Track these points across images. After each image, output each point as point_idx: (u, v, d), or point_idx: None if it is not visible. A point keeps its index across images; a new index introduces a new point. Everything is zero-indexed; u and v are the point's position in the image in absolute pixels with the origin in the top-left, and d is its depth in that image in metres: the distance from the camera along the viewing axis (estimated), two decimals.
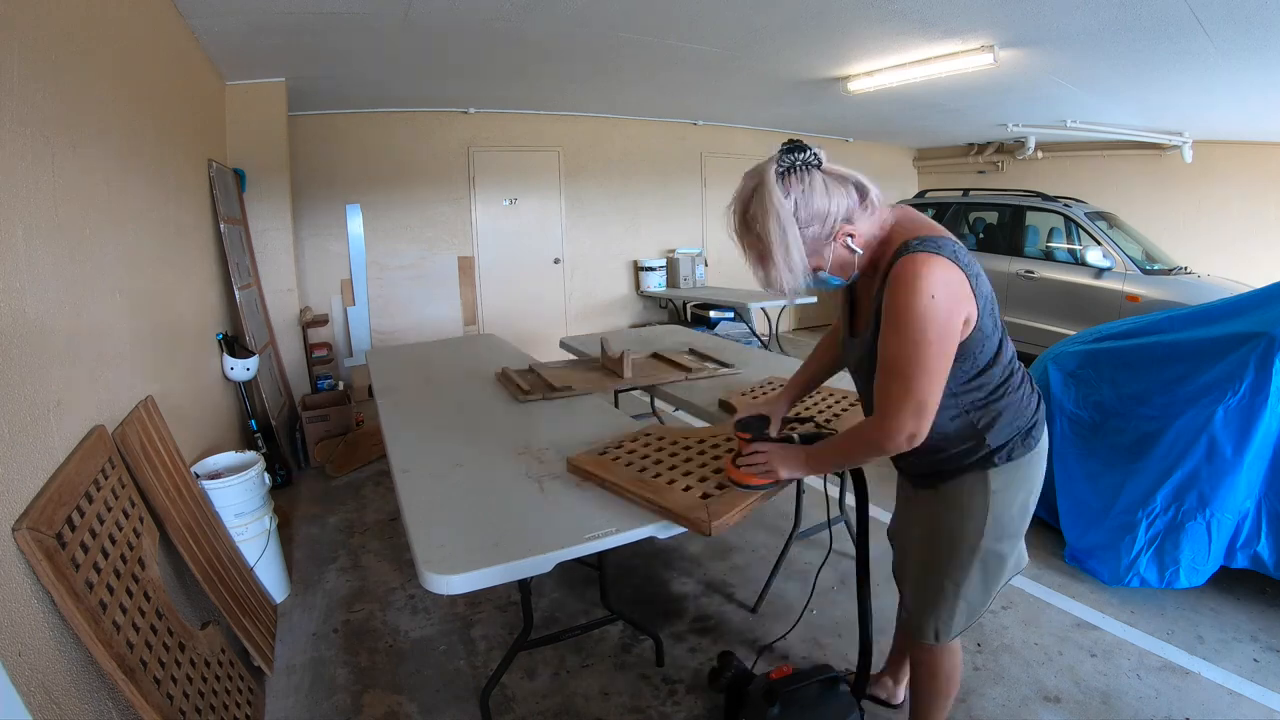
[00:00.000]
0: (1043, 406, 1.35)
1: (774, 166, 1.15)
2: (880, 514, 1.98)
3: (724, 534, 2.80)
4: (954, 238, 1.20)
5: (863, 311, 1.32)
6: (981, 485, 1.30)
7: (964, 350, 1.19)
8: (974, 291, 1.15)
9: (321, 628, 2.30)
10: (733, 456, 1.49)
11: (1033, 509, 1.37)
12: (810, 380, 1.63)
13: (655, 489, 1.44)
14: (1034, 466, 1.32)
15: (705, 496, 1.41)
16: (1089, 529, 2.48)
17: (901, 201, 6.71)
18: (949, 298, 1.12)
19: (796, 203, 1.14)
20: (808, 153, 1.16)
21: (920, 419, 1.16)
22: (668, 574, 2.58)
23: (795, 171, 1.15)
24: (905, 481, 1.50)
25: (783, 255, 1.14)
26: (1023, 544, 1.41)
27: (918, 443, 1.18)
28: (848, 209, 1.17)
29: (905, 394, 1.15)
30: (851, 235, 1.19)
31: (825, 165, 1.18)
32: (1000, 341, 1.25)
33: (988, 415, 1.27)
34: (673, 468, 1.56)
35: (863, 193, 1.19)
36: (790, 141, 1.18)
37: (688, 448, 1.69)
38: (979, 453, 1.29)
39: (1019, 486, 1.31)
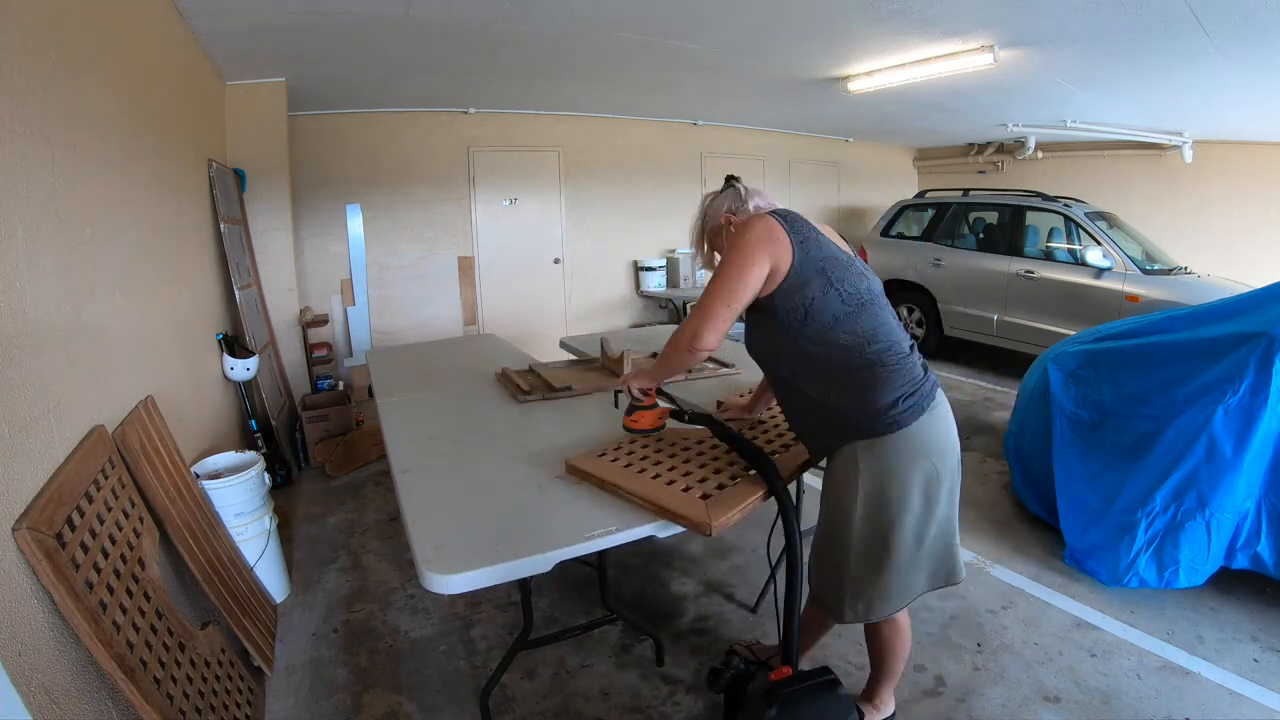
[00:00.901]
0: (922, 393, 1.41)
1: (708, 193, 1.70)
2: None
3: (724, 534, 2.81)
4: (800, 215, 1.48)
5: None
6: (849, 460, 1.41)
7: (793, 301, 1.39)
8: (794, 246, 1.39)
9: (321, 628, 2.30)
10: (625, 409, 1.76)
11: (921, 506, 1.40)
12: (766, 390, 1.91)
13: (655, 489, 1.44)
14: (908, 448, 1.38)
15: (705, 497, 1.41)
16: (1088, 529, 2.48)
17: (901, 201, 6.73)
18: (759, 236, 1.39)
19: (706, 207, 1.68)
20: (735, 178, 1.68)
21: (704, 320, 1.41)
22: (668, 574, 2.58)
23: (718, 192, 1.68)
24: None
25: (692, 242, 1.73)
26: (951, 551, 1.49)
27: (701, 344, 1.42)
28: (730, 205, 1.63)
29: (701, 300, 1.44)
30: (731, 219, 1.61)
31: (740, 184, 1.66)
32: (847, 311, 1.40)
33: (839, 385, 1.40)
34: (672, 468, 1.56)
35: (742, 197, 1.63)
36: (728, 177, 1.69)
37: (686, 448, 1.69)
38: (841, 423, 1.41)
39: (891, 465, 1.38)
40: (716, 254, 1.63)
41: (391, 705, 1.92)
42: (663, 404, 1.78)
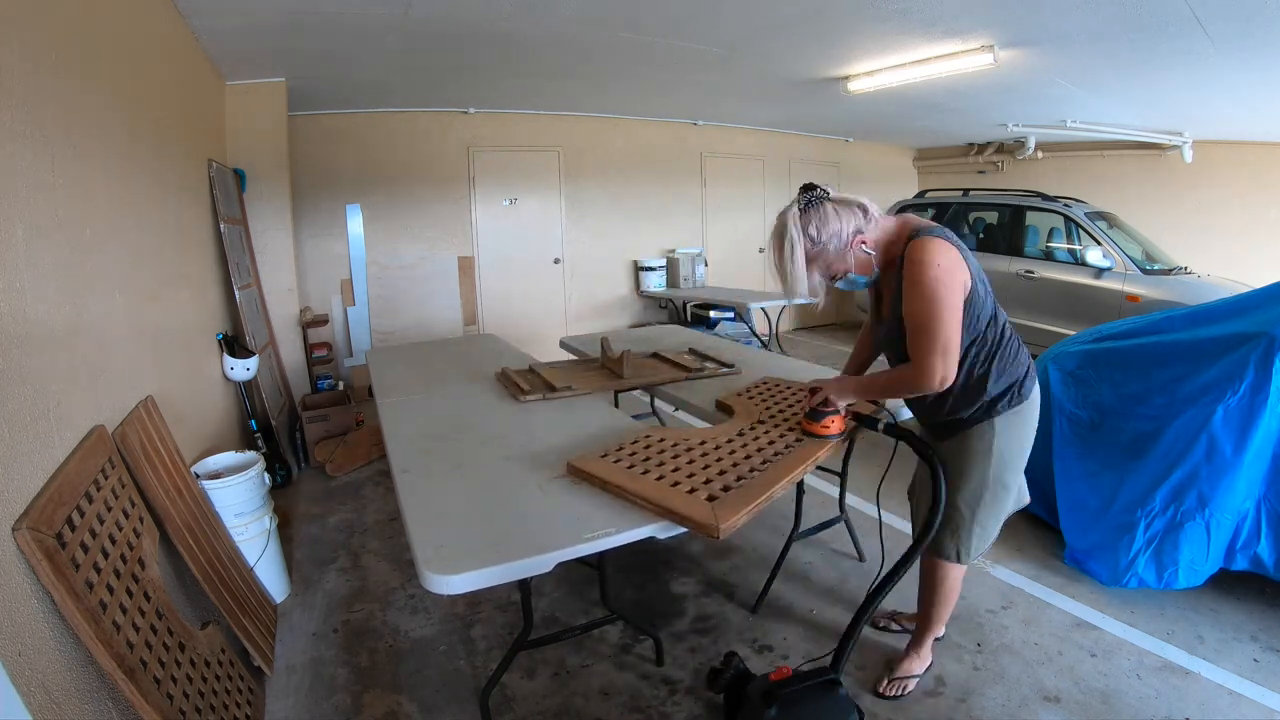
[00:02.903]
0: (1032, 364, 1.70)
1: (795, 207, 1.57)
2: (863, 504, 1.97)
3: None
4: (945, 229, 1.58)
5: (886, 299, 1.69)
6: (989, 430, 1.65)
7: (965, 309, 1.53)
8: (966, 262, 1.53)
9: (321, 628, 2.30)
10: (804, 411, 1.82)
11: (1028, 449, 1.72)
12: (860, 368, 2.00)
13: (660, 491, 1.43)
14: (1031, 412, 1.68)
15: (711, 499, 1.41)
16: (1088, 529, 2.48)
17: (901, 201, 6.73)
18: (951, 265, 1.48)
19: (816, 227, 1.55)
20: (818, 190, 1.58)
21: (947, 360, 1.50)
22: (668, 574, 2.58)
23: (812, 205, 1.56)
24: (927, 436, 1.81)
25: (789, 268, 1.56)
26: (1023, 479, 1.79)
27: (948, 383, 1.52)
28: (856, 225, 1.56)
29: (933, 342, 1.49)
30: (864, 242, 1.58)
31: (833, 195, 1.58)
32: (995, 307, 1.62)
33: (989, 370, 1.61)
34: (676, 470, 1.55)
35: (865, 211, 1.58)
36: (805, 184, 1.59)
37: (689, 449, 1.69)
38: (984, 403, 1.63)
39: (1018, 430, 1.67)
40: (849, 273, 1.60)
41: (391, 705, 1.92)
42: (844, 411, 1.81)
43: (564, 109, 6.13)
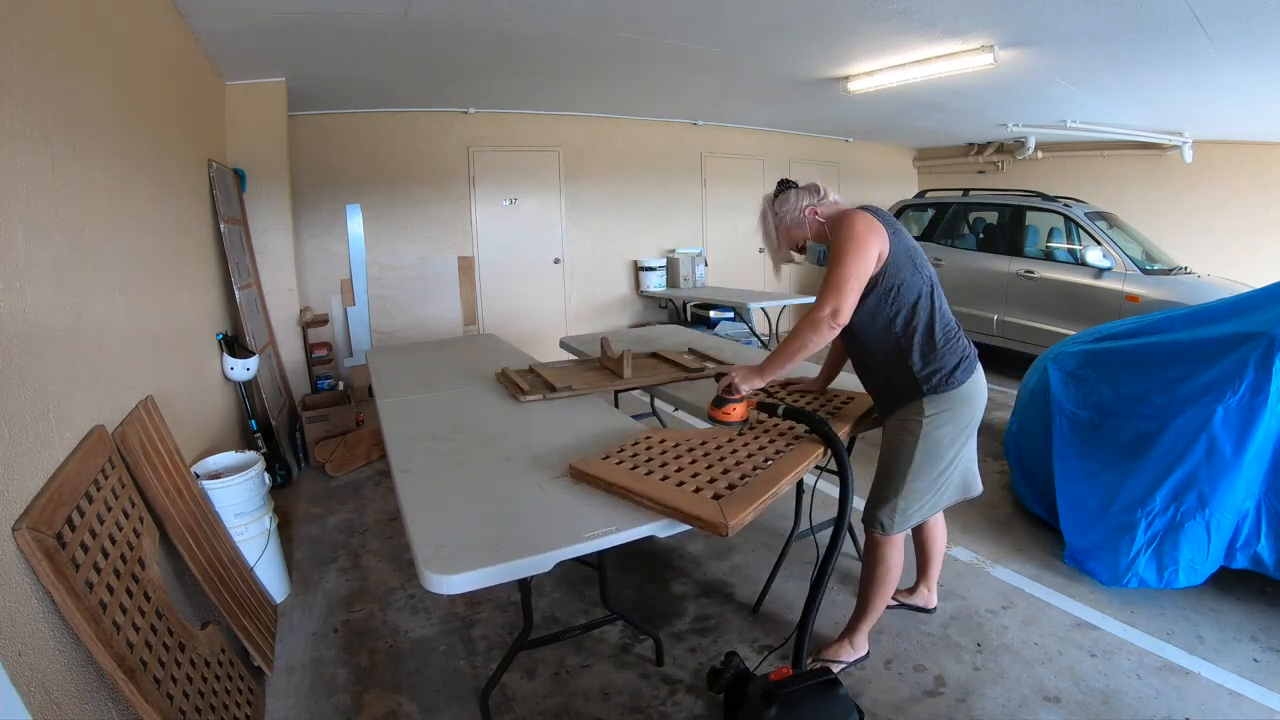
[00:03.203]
0: (972, 360, 1.80)
1: (770, 193, 2.01)
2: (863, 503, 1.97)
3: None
4: (881, 210, 1.79)
5: None
6: (917, 411, 1.78)
7: (886, 284, 1.71)
8: (889, 236, 1.71)
9: (321, 628, 2.30)
10: (712, 399, 1.88)
11: (963, 441, 1.83)
12: (834, 367, 2.24)
13: (665, 491, 1.43)
14: (961, 403, 1.78)
15: (717, 497, 1.41)
16: (1088, 529, 2.48)
17: (901, 201, 6.73)
18: (865, 229, 1.69)
19: (779, 205, 1.95)
20: (788, 182, 1.97)
21: (839, 296, 1.65)
22: (668, 574, 2.58)
23: (780, 192, 1.98)
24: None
25: (764, 236, 2.04)
26: (972, 472, 1.95)
27: (840, 319, 1.67)
28: (808, 200, 1.90)
29: (828, 280, 1.68)
30: (815, 212, 1.89)
31: (800, 185, 1.93)
32: (926, 293, 1.74)
33: (913, 344, 1.74)
34: (679, 470, 1.55)
35: (818, 191, 1.90)
36: (782, 180, 1.99)
37: (691, 449, 1.69)
38: (908, 377, 1.76)
39: (946, 416, 1.77)
40: (794, 249, 1.97)
41: (391, 705, 1.92)
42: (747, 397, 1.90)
43: (564, 109, 6.13)
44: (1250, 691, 1.90)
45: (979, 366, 1.83)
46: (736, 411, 1.84)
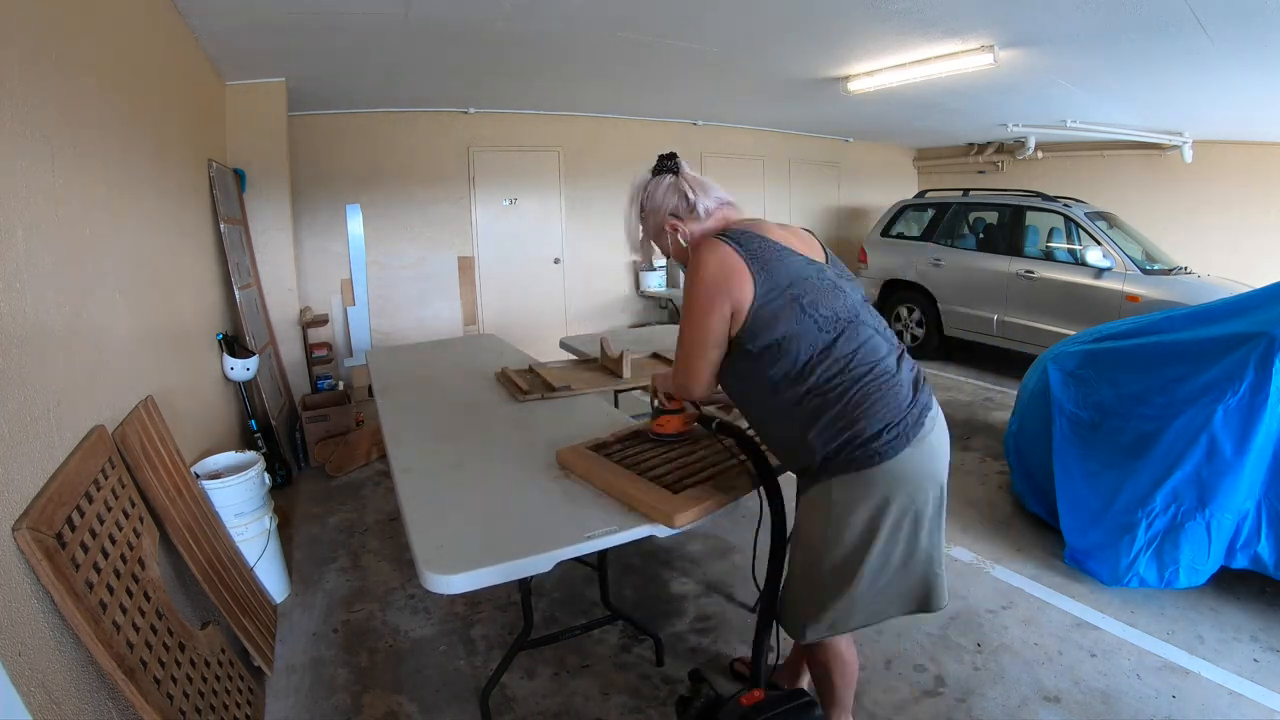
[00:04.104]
0: (907, 423, 1.27)
1: (647, 171, 1.48)
2: None
3: (724, 534, 2.81)
4: (761, 233, 1.32)
5: None
6: (824, 493, 1.31)
7: (754, 343, 1.27)
8: (753, 277, 1.25)
9: (321, 628, 2.30)
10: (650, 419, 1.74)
11: (904, 535, 1.30)
12: None
13: (631, 481, 1.46)
14: (890, 482, 1.26)
15: (680, 491, 1.43)
16: (1088, 529, 2.48)
17: (901, 201, 6.72)
18: (717, 271, 1.26)
19: (648, 194, 1.45)
20: (671, 162, 1.45)
21: (688, 370, 1.37)
22: (668, 574, 2.58)
23: (658, 174, 1.45)
24: None
25: (628, 234, 1.52)
26: (930, 577, 1.36)
27: (692, 395, 1.42)
28: (673, 206, 1.42)
29: (678, 349, 1.38)
30: (675, 228, 1.43)
31: (685, 173, 1.44)
32: (824, 343, 1.27)
33: (806, 415, 1.28)
34: (667, 462, 1.58)
35: (689, 201, 1.41)
36: (665, 154, 1.47)
37: (688, 443, 1.70)
38: (807, 455, 1.30)
39: (861, 499, 1.27)
40: (659, 252, 1.52)
41: (391, 705, 1.92)
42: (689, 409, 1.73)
43: (564, 109, 6.13)
44: (1250, 691, 1.90)
45: (927, 432, 1.30)
46: (671, 423, 1.69)
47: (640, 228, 1.49)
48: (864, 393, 1.26)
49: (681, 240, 1.43)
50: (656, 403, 1.71)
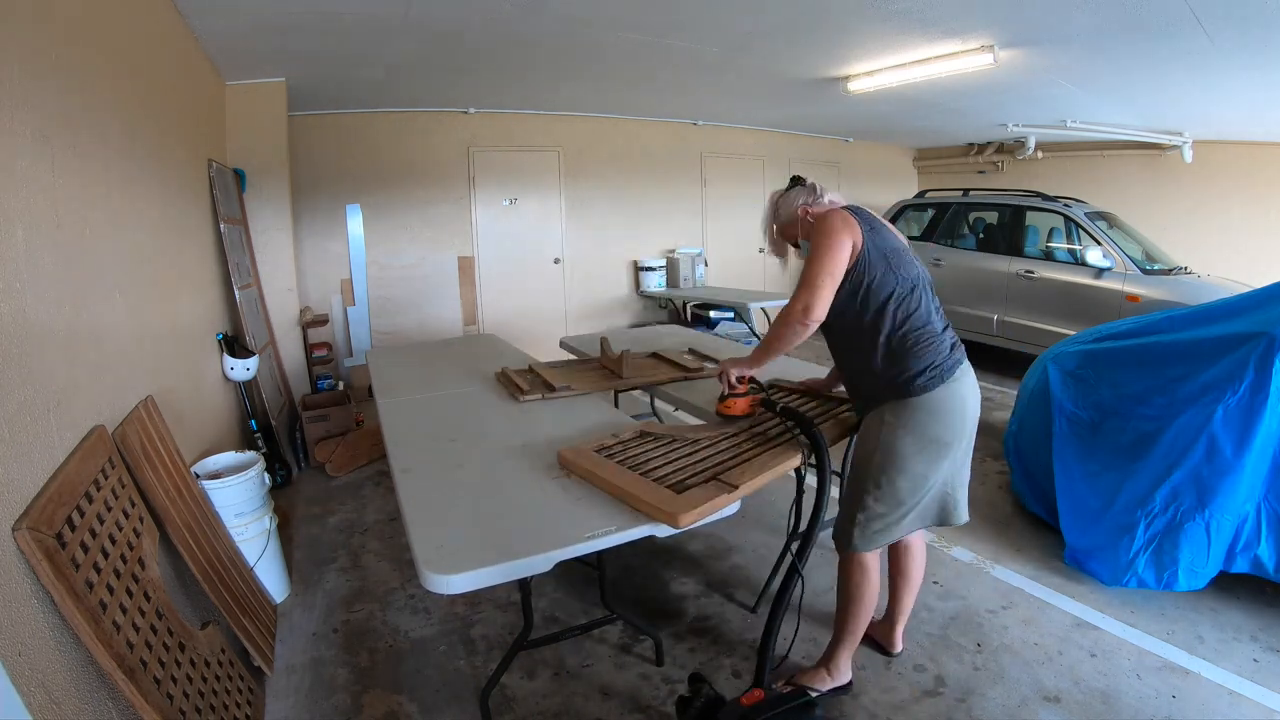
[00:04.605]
0: (943, 369, 1.67)
1: (781, 189, 1.97)
2: None
3: (724, 534, 2.81)
4: (868, 210, 1.79)
5: None
6: (878, 417, 1.71)
7: (855, 280, 1.66)
8: (864, 233, 1.68)
9: (321, 628, 2.30)
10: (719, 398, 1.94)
11: (932, 458, 1.67)
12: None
13: (634, 482, 1.46)
14: (924, 411, 1.66)
15: (683, 491, 1.43)
16: (1088, 529, 2.47)
17: (901, 201, 6.73)
18: (837, 224, 1.67)
19: (780, 203, 1.93)
20: (800, 177, 1.94)
21: (812, 292, 1.63)
22: (668, 574, 2.58)
23: (788, 190, 1.94)
24: None
25: (764, 232, 2.00)
26: (953, 498, 1.79)
27: (813, 316, 1.64)
28: (804, 199, 1.88)
29: (803, 279, 1.67)
30: (808, 212, 1.85)
31: (808, 182, 1.92)
32: (901, 294, 1.67)
33: (878, 343, 1.68)
34: (669, 462, 1.58)
35: (815, 190, 1.89)
36: (794, 176, 1.95)
37: (690, 443, 1.70)
38: (874, 378, 1.71)
39: (912, 423, 1.66)
40: (789, 244, 1.94)
41: (391, 705, 1.92)
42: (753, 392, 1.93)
43: (564, 109, 6.13)
44: (1250, 691, 1.90)
45: (958, 380, 1.69)
46: (738, 405, 1.89)
47: (774, 226, 1.93)
48: (917, 340, 1.67)
49: (809, 219, 1.82)
50: (725, 388, 1.91)
